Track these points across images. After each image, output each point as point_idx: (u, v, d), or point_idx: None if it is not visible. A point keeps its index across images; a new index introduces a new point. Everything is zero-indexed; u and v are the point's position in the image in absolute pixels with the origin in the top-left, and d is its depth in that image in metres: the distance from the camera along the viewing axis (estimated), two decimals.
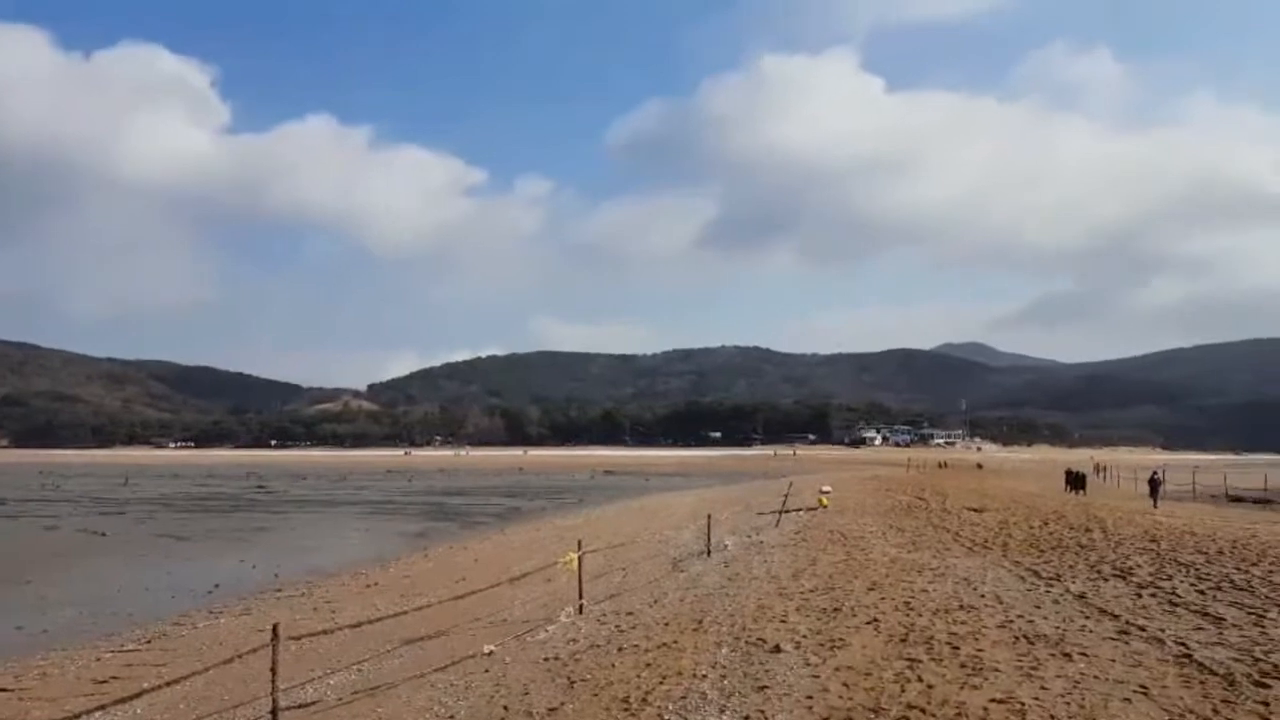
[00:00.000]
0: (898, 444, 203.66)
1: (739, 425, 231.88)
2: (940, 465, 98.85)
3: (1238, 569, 14.38)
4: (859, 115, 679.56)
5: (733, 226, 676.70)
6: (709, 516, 19.60)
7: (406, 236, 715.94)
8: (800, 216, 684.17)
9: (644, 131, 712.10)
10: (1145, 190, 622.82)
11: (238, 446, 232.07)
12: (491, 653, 10.55)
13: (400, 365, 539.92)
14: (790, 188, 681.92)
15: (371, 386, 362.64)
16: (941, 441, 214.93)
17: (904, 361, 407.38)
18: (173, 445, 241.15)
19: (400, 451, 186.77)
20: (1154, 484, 38.18)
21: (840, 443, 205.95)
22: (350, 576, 20.62)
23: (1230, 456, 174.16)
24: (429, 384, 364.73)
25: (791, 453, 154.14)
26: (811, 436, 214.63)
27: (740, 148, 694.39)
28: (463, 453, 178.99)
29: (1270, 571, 14.05)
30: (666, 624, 10.98)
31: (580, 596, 13.23)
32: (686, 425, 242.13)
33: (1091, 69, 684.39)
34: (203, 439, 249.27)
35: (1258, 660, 7.92)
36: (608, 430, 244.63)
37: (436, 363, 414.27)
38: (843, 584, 13.09)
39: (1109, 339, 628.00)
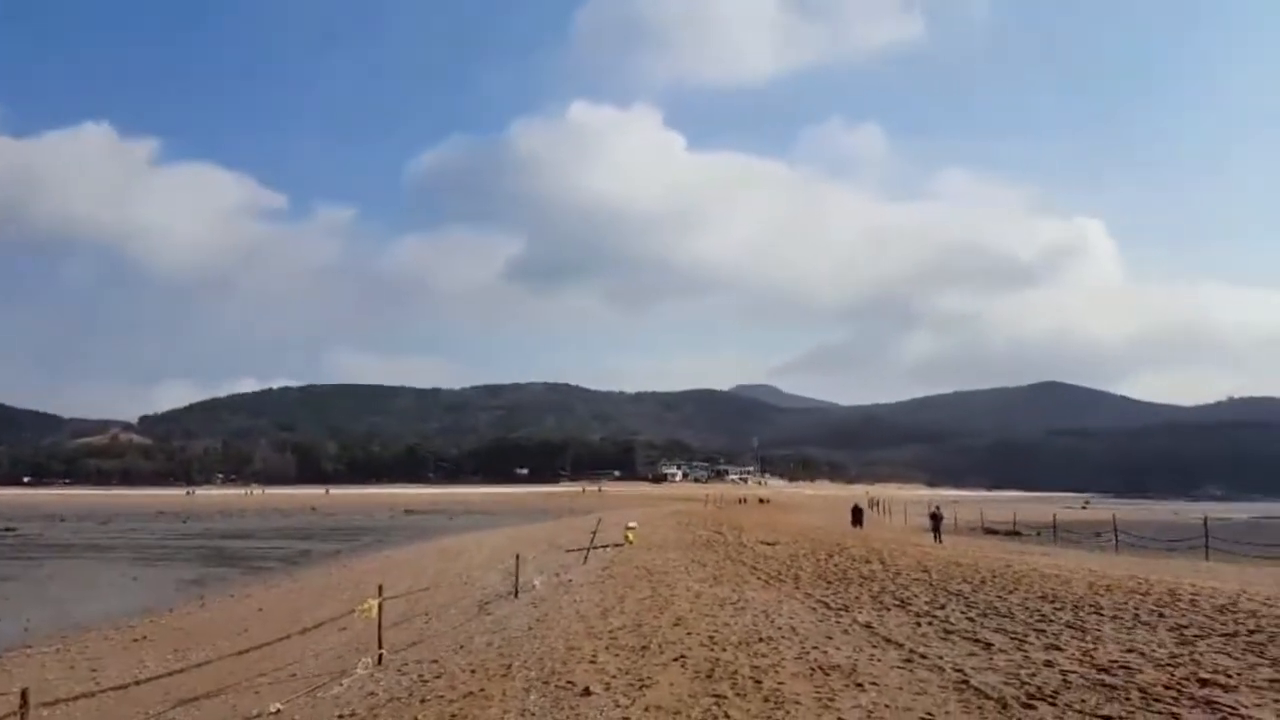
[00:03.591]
0: (697, 480, 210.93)
1: (548, 461, 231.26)
2: (740, 501, 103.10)
3: (999, 597, 15.88)
4: (663, 168, 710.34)
5: (539, 265, 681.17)
6: (517, 556, 19.24)
7: (190, 259, 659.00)
8: (607, 260, 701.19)
9: (449, 166, 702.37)
10: (908, 253, 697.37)
11: None
12: (279, 712, 9.70)
13: (178, 396, 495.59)
14: (597, 232, 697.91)
15: (144, 419, 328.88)
16: (735, 477, 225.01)
17: (704, 401, 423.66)
18: None
19: (182, 491, 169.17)
20: (935, 519, 41.47)
21: (644, 478, 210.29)
22: (115, 630, 18.43)
23: (984, 493, 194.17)
24: (211, 417, 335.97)
25: (598, 489, 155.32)
26: (617, 473, 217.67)
27: (547, 189, 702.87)
28: (254, 491, 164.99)
29: (1026, 599, 15.62)
30: (473, 671, 10.57)
31: (379, 646, 12.51)
32: (494, 461, 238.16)
33: (864, 142, 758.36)
34: None
35: (1024, 683, 8.70)
36: (411, 467, 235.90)
37: (221, 394, 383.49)
38: (650, 620, 13.19)
39: (880, 384, 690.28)
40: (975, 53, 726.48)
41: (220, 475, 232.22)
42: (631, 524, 36.76)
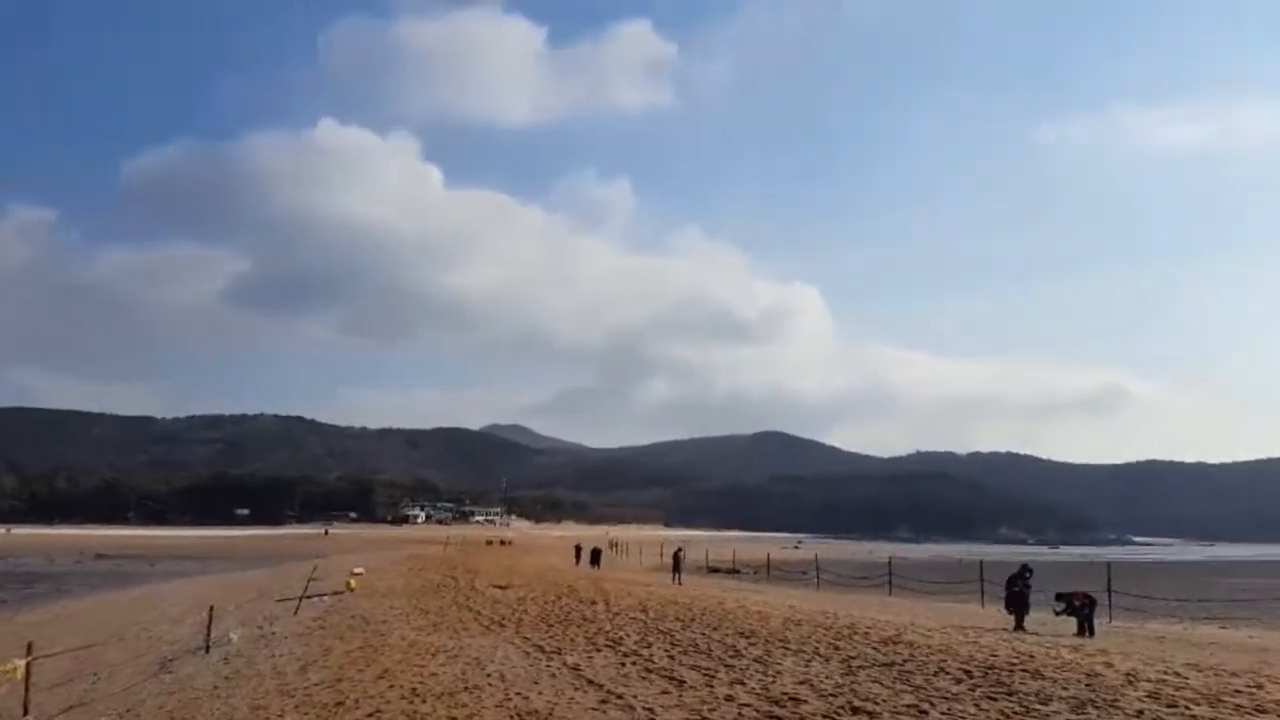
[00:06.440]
0: (440, 521, 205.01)
1: (274, 501, 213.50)
2: (488, 543, 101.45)
3: (703, 634, 16.84)
4: (417, 199, 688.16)
5: (271, 288, 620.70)
6: (210, 607, 17.54)
7: None
8: (351, 288, 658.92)
9: (172, 172, 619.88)
10: (649, 303, 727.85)
11: None
12: None
13: None
14: (340, 257, 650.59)
15: None
16: (481, 519, 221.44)
17: (453, 440, 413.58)
18: None
19: None
20: (677, 560, 43.15)
21: (384, 520, 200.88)
22: None
23: (712, 533, 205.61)
24: None
25: (324, 532, 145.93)
26: (353, 514, 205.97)
27: (286, 207, 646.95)
28: None
29: (726, 635, 16.70)
30: None
31: (25, 712, 10.86)
32: (211, 500, 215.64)
33: (615, 195, 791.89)
34: None
35: (704, 718, 9.27)
36: (109, 505, 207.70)
37: None
38: (353, 674, 12.55)
39: (626, 427, 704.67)
40: (713, 122, 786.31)
41: None
42: (357, 570, 34.99)
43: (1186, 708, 10.28)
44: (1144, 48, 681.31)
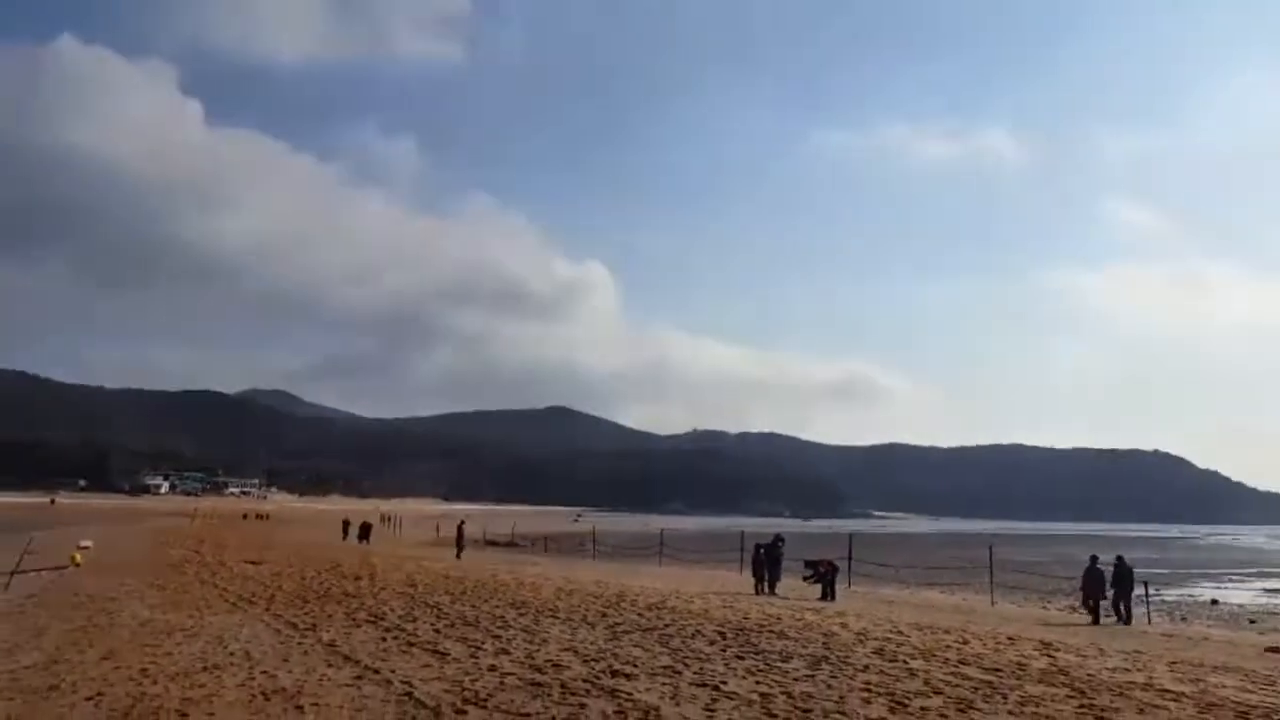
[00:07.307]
0: (188, 493, 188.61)
1: None
2: (244, 517, 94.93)
3: (473, 606, 16.62)
4: (170, 134, 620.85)
5: None
6: None
7: None
8: (88, 229, 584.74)
9: None
10: (434, 268, 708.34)
11: None
12: None
13: None
14: (76, 194, 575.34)
15: None
16: (236, 491, 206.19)
17: (206, 405, 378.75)
18: None
19: None
20: (460, 534, 42.15)
21: (121, 490, 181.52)
22: None
23: (493, 506, 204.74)
24: None
25: (50, 501, 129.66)
26: (83, 482, 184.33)
27: (10, 132, 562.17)
28: None
29: (497, 607, 16.59)
30: None
31: None
32: None
33: (398, 152, 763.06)
34: None
35: (465, 689, 9.08)
36: None
37: None
38: (71, 656, 11.16)
39: (407, 397, 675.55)
40: (506, 87, 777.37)
41: None
42: (85, 543, 31.41)
43: (905, 661, 11.52)
44: (916, 70, 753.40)
